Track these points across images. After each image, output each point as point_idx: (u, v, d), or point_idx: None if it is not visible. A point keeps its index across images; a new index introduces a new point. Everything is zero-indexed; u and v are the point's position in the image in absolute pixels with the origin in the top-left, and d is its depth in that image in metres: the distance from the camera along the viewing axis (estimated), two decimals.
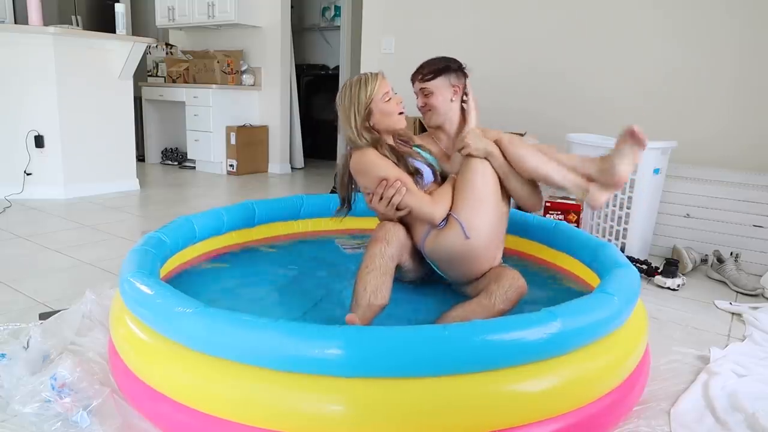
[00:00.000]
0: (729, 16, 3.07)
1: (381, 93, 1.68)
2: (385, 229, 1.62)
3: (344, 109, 1.69)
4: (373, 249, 1.57)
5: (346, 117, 1.69)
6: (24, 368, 1.38)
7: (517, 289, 1.63)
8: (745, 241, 2.66)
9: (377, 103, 1.68)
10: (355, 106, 1.67)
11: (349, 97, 1.68)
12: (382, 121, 1.70)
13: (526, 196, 1.73)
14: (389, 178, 1.61)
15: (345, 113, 1.69)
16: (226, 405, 1.15)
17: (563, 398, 1.20)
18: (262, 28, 5.22)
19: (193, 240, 1.97)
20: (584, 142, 2.87)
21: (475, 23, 3.90)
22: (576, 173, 1.68)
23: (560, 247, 2.12)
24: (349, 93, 1.68)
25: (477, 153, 1.67)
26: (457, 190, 1.68)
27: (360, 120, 1.67)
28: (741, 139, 3.09)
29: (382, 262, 1.55)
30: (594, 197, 1.66)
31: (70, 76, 3.70)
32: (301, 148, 5.72)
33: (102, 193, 3.95)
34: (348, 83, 1.71)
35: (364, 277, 1.53)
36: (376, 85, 1.68)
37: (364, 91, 1.67)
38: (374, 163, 1.65)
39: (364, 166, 1.66)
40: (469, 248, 1.64)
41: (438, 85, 1.90)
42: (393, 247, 1.59)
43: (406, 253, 1.70)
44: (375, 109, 1.68)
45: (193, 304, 1.24)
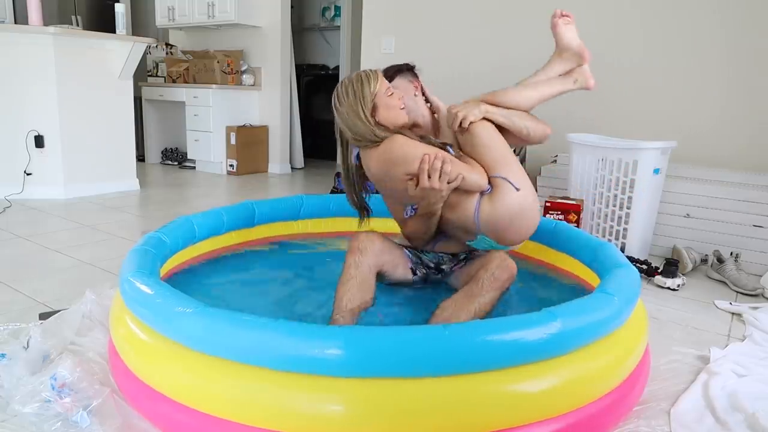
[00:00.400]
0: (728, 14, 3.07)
1: (384, 88, 1.66)
2: (359, 239, 1.63)
3: (349, 106, 1.63)
4: (348, 260, 1.59)
5: (354, 113, 1.62)
6: (24, 368, 1.38)
7: (506, 269, 1.63)
8: (745, 241, 2.66)
9: (381, 97, 1.64)
10: (361, 101, 1.62)
11: (353, 94, 1.63)
12: (386, 115, 1.65)
13: (533, 127, 1.75)
14: (428, 153, 1.52)
15: (351, 109, 1.62)
16: (226, 405, 1.15)
17: (563, 398, 1.20)
18: (262, 28, 5.22)
19: (193, 240, 1.97)
20: (584, 141, 2.88)
21: (476, 23, 3.90)
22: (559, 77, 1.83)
23: (560, 247, 2.12)
24: (352, 90, 1.64)
25: (475, 117, 1.65)
26: (479, 157, 1.64)
27: (368, 114, 1.62)
28: (741, 138, 3.09)
29: (357, 272, 1.57)
30: (584, 78, 1.85)
31: (70, 76, 3.70)
32: (301, 148, 5.72)
33: (102, 193, 3.95)
34: (347, 81, 1.66)
35: (340, 288, 1.57)
36: (378, 81, 1.65)
37: (367, 87, 1.63)
38: (408, 144, 1.58)
39: (398, 152, 1.57)
40: (524, 199, 1.61)
41: (398, 85, 1.82)
42: (367, 256, 1.60)
43: (389, 260, 1.69)
44: (379, 103, 1.64)
45: (193, 303, 1.24)
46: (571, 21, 1.85)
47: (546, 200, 2.72)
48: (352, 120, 1.63)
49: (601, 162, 2.77)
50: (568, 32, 1.84)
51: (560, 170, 3.28)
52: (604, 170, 2.77)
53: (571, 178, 2.98)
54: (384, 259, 1.67)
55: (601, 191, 2.80)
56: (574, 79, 1.84)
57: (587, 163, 2.85)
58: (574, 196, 2.92)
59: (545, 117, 1.80)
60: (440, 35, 4.04)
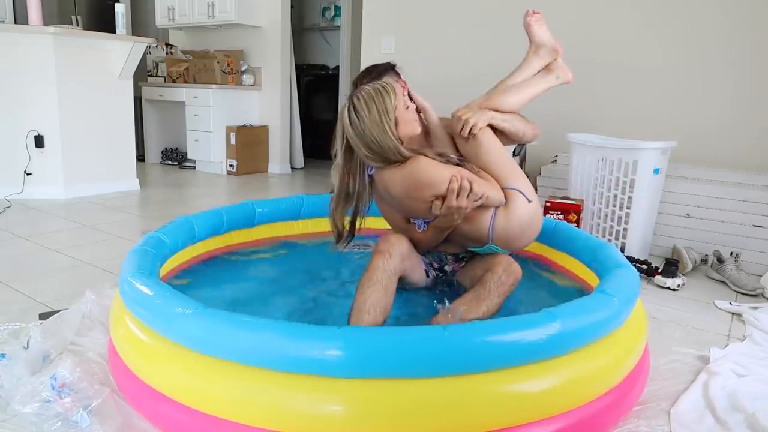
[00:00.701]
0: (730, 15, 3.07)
1: (402, 101, 1.61)
2: (389, 242, 1.58)
3: (375, 122, 1.54)
4: (376, 262, 1.53)
5: (380, 129, 1.54)
6: (24, 368, 1.38)
7: (511, 273, 1.63)
8: (745, 241, 2.66)
9: (401, 111, 1.60)
10: (386, 116, 1.54)
11: (377, 109, 1.55)
12: (405, 128, 1.61)
13: (525, 128, 1.81)
14: (455, 174, 1.50)
15: (377, 125, 1.54)
16: (226, 405, 1.15)
17: (563, 398, 1.20)
18: (262, 28, 5.22)
19: (192, 240, 1.97)
20: (584, 141, 2.88)
21: (476, 23, 3.90)
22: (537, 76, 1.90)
23: (560, 247, 2.12)
24: (374, 104, 1.55)
25: (483, 124, 1.70)
26: (486, 166, 1.67)
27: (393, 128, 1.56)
28: (741, 138, 3.09)
29: (384, 276, 1.52)
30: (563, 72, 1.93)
31: (70, 76, 3.70)
32: (301, 148, 5.72)
33: (102, 193, 3.95)
34: (365, 95, 1.57)
35: (365, 290, 1.49)
36: (396, 92, 1.59)
37: (389, 100, 1.56)
38: (433, 167, 1.55)
39: (424, 175, 1.53)
40: (535, 209, 1.69)
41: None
42: (395, 260, 1.55)
43: (409, 266, 1.66)
44: (399, 117, 1.59)
45: (192, 304, 1.24)
46: (541, 18, 1.93)
47: (546, 200, 2.72)
48: (376, 136, 1.54)
49: (601, 162, 2.77)
50: (540, 29, 1.92)
51: (560, 170, 3.28)
52: (604, 170, 2.77)
53: (571, 178, 2.98)
54: (407, 264, 1.63)
55: (601, 191, 2.80)
56: (555, 75, 1.92)
57: (587, 163, 2.85)
58: (574, 196, 2.92)
59: (545, 118, 1.82)
60: (440, 35, 4.04)
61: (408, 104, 1.65)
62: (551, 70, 1.93)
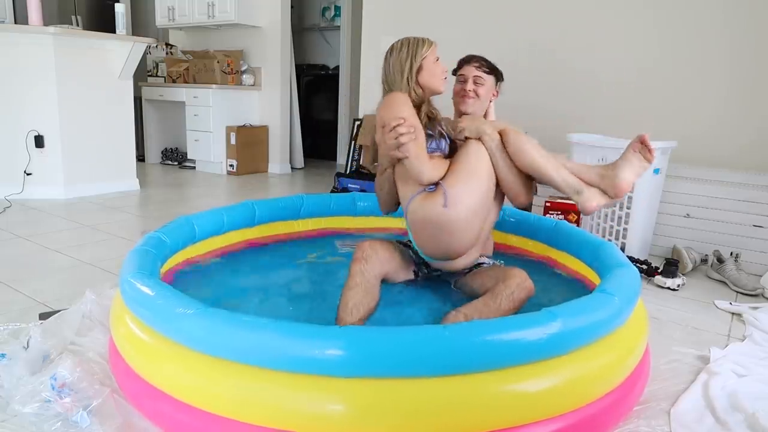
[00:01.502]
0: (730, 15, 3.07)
1: (434, 54, 1.78)
2: (362, 248, 1.69)
3: (399, 59, 1.75)
4: (354, 269, 1.64)
5: (399, 65, 1.75)
6: (24, 368, 1.38)
7: (524, 289, 1.63)
8: (745, 241, 2.66)
9: (429, 61, 1.76)
10: (412, 57, 1.74)
11: (407, 50, 1.75)
12: (429, 80, 1.76)
13: (517, 188, 1.74)
14: (407, 119, 1.64)
15: (399, 62, 1.75)
16: (226, 405, 1.15)
17: (563, 398, 1.20)
18: (262, 28, 5.22)
19: (193, 240, 1.97)
20: (584, 141, 2.88)
21: (476, 23, 3.90)
22: (574, 176, 1.72)
23: (561, 246, 2.12)
24: (407, 47, 1.76)
25: (470, 133, 1.73)
26: (452, 165, 1.73)
27: (413, 71, 1.74)
28: (741, 138, 3.09)
29: (363, 279, 1.61)
30: (587, 199, 1.69)
31: (70, 76, 3.70)
32: (301, 148, 5.72)
33: (102, 193, 3.94)
34: (405, 40, 1.78)
35: (346, 293, 1.60)
36: (432, 47, 1.78)
37: (421, 48, 1.75)
38: (402, 102, 1.69)
39: (392, 101, 1.70)
40: (446, 219, 1.65)
41: (489, 81, 1.93)
42: (372, 264, 1.65)
43: (391, 269, 1.75)
44: (426, 66, 1.75)
45: (193, 304, 1.24)
46: (649, 159, 1.68)
47: (546, 200, 2.72)
48: (394, 71, 1.76)
49: (602, 162, 2.77)
50: (631, 175, 1.69)
51: None
52: None
53: None
54: (387, 267, 1.73)
55: None
56: (580, 190, 1.70)
57: (587, 163, 2.84)
58: None
59: (545, 118, 1.81)
60: (440, 35, 4.02)
61: (438, 60, 1.78)
62: (590, 187, 1.71)
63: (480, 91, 1.91)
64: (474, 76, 1.91)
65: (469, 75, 1.92)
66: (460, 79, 1.94)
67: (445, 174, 1.70)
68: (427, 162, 1.67)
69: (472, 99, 1.90)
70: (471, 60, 1.95)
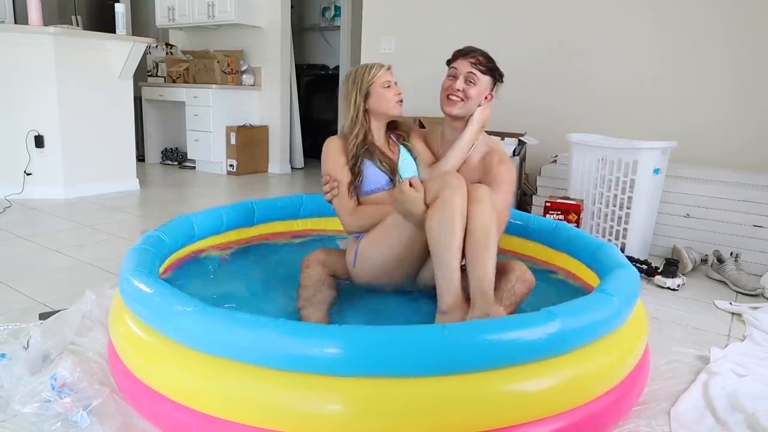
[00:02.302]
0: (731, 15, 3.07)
1: (382, 79, 1.77)
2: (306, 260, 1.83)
3: (347, 90, 1.80)
4: (301, 276, 1.80)
5: (348, 96, 1.80)
6: (24, 368, 1.38)
7: (525, 282, 1.63)
8: (745, 241, 2.66)
9: (376, 86, 1.77)
10: (358, 85, 1.77)
11: (353, 78, 1.79)
12: (377, 105, 1.78)
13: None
14: (330, 176, 1.77)
15: (348, 93, 1.80)
16: (226, 404, 1.15)
17: (563, 397, 1.20)
18: (262, 28, 5.22)
19: (192, 239, 1.97)
20: (584, 141, 2.88)
21: (475, 23, 3.90)
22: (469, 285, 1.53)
23: (560, 247, 2.11)
24: (354, 75, 1.80)
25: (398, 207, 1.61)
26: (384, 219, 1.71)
27: (360, 100, 1.77)
28: (741, 138, 3.09)
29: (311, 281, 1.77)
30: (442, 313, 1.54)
31: (70, 76, 3.70)
32: (301, 148, 5.72)
33: (102, 193, 3.94)
34: (353, 69, 1.83)
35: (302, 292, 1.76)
36: (380, 72, 1.78)
37: (367, 74, 1.77)
38: (329, 154, 1.79)
39: (324, 154, 1.81)
40: (352, 273, 1.81)
41: (483, 81, 1.76)
42: (313, 268, 1.80)
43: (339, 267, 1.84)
44: (373, 91, 1.77)
45: (192, 302, 1.24)
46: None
47: (546, 200, 2.72)
48: (345, 102, 1.81)
49: (601, 162, 2.77)
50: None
51: (560, 170, 3.28)
52: (604, 170, 2.77)
53: (571, 178, 2.98)
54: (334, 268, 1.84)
55: (601, 191, 2.80)
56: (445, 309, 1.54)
57: (587, 163, 2.85)
58: (574, 196, 2.92)
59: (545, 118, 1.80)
60: (440, 35, 4.04)
61: (390, 85, 1.78)
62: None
63: (471, 92, 1.72)
64: (467, 73, 1.73)
65: (461, 71, 1.73)
66: (451, 73, 1.76)
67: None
68: (348, 213, 1.76)
69: (460, 101, 1.73)
70: (468, 53, 1.75)
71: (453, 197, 1.51)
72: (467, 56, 1.75)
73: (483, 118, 1.79)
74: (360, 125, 1.78)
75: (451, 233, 1.50)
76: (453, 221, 1.50)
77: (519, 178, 3.44)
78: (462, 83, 1.73)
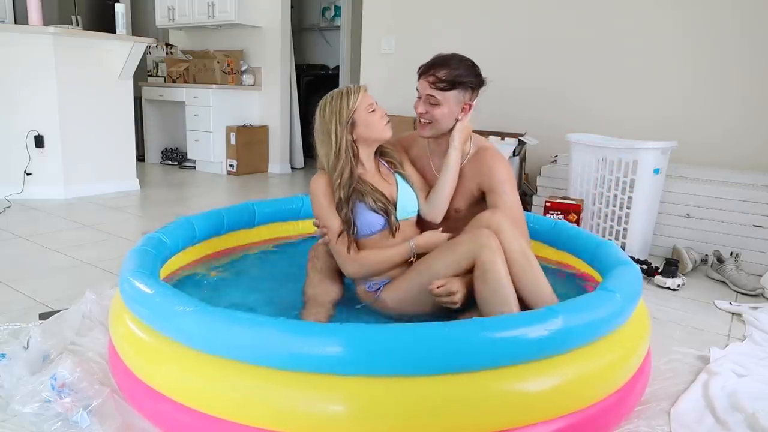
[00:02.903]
0: (732, 15, 3.07)
1: (365, 104, 1.59)
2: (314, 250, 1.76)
3: (324, 123, 1.59)
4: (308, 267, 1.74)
5: (326, 131, 1.59)
6: (24, 368, 1.38)
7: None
8: (745, 241, 2.66)
9: (361, 113, 1.58)
10: (337, 117, 1.57)
11: (329, 109, 1.58)
12: (367, 132, 1.60)
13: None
14: (320, 221, 1.65)
15: (325, 126, 1.59)
16: (227, 404, 1.15)
17: (566, 398, 1.20)
18: (262, 28, 5.22)
19: (193, 240, 1.97)
20: (584, 141, 2.88)
21: (475, 23, 3.90)
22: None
23: (561, 246, 2.11)
24: (329, 105, 1.59)
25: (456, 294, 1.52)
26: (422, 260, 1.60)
27: (342, 132, 1.57)
28: (741, 138, 3.09)
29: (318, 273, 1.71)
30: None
31: (70, 76, 3.70)
32: (301, 148, 5.72)
33: (102, 193, 3.94)
34: (327, 97, 1.61)
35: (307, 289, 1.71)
36: (359, 97, 1.59)
37: (346, 102, 1.57)
38: (315, 198, 1.64)
39: (312, 194, 1.66)
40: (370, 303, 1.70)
41: (449, 98, 1.63)
42: (321, 260, 1.72)
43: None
44: (359, 120, 1.58)
45: (193, 302, 1.24)
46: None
47: (546, 200, 2.72)
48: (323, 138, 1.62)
49: (601, 162, 2.77)
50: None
51: (560, 170, 3.28)
52: (604, 170, 2.77)
53: (571, 178, 2.98)
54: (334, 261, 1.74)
55: (601, 191, 2.80)
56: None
57: (587, 163, 2.85)
58: (574, 196, 2.92)
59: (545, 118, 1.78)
60: (440, 35, 4.04)
61: (374, 108, 1.61)
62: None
63: (436, 114, 1.63)
64: (426, 96, 1.64)
65: (422, 93, 1.66)
66: (417, 94, 1.68)
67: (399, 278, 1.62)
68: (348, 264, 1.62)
69: (428, 123, 1.66)
70: (426, 71, 1.65)
71: (495, 262, 1.45)
72: (426, 75, 1.65)
73: (464, 137, 1.70)
74: (344, 160, 1.58)
75: (505, 299, 1.45)
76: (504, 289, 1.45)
77: (519, 177, 3.45)
78: (424, 106, 1.66)
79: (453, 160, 1.68)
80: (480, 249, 1.47)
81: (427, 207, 1.72)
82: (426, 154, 1.81)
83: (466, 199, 1.73)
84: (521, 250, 1.51)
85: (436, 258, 1.56)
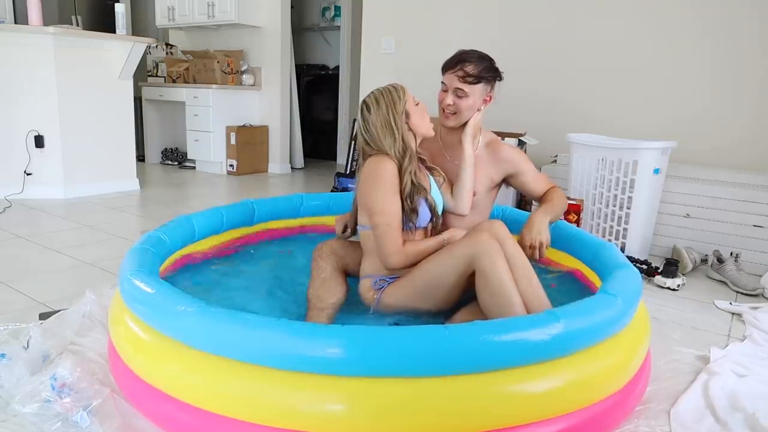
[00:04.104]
0: (732, 15, 3.07)
1: (411, 97, 1.66)
2: (319, 248, 1.76)
3: (382, 114, 1.61)
4: (313, 266, 1.74)
5: (386, 123, 1.60)
6: (24, 368, 1.38)
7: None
8: (745, 241, 2.66)
9: (411, 105, 1.64)
10: (393, 108, 1.61)
11: (384, 102, 1.62)
12: (419, 123, 1.65)
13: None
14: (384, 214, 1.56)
15: (384, 118, 1.60)
16: (227, 404, 1.15)
17: (565, 399, 1.20)
18: (262, 28, 5.22)
19: (192, 239, 1.97)
20: (584, 141, 2.87)
21: (475, 23, 3.90)
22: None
23: (560, 247, 2.11)
24: (383, 98, 1.62)
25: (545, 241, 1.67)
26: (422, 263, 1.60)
27: (401, 122, 1.61)
28: (741, 138, 3.09)
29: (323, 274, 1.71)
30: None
31: (70, 76, 3.70)
32: (301, 148, 5.72)
33: (102, 193, 3.94)
34: (374, 93, 1.65)
35: (310, 290, 1.70)
36: (405, 91, 1.65)
37: (397, 95, 1.63)
38: (384, 181, 1.57)
39: (376, 176, 1.58)
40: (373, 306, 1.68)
41: (475, 90, 1.74)
42: (325, 261, 1.73)
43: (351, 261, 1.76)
44: (411, 111, 1.64)
45: (194, 302, 1.24)
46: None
47: None
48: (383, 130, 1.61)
49: (601, 162, 2.77)
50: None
51: (560, 170, 3.28)
52: (604, 170, 2.77)
53: (571, 178, 2.98)
54: (347, 261, 1.76)
55: (601, 191, 2.80)
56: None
57: (587, 163, 2.85)
58: (574, 196, 2.92)
59: (545, 118, 1.79)
60: (440, 35, 4.03)
61: (417, 101, 1.68)
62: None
63: (462, 106, 1.74)
64: (455, 89, 1.74)
65: (450, 86, 1.75)
66: (442, 86, 1.78)
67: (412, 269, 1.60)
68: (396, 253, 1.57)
69: (453, 115, 1.76)
70: (454, 66, 1.74)
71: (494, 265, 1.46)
72: (454, 70, 1.74)
73: (475, 131, 1.80)
74: (410, 150, 1.62)
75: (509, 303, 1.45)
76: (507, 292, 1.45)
77: None
78: (452, 98, 1.75)
79: (469, 155, 1.77)
80: (479, 256, 1.48)
81: (453, 202, 1.78)
82: (439, 146, 1.89)
83: (482, 184, 1.84)
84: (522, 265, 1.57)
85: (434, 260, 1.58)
